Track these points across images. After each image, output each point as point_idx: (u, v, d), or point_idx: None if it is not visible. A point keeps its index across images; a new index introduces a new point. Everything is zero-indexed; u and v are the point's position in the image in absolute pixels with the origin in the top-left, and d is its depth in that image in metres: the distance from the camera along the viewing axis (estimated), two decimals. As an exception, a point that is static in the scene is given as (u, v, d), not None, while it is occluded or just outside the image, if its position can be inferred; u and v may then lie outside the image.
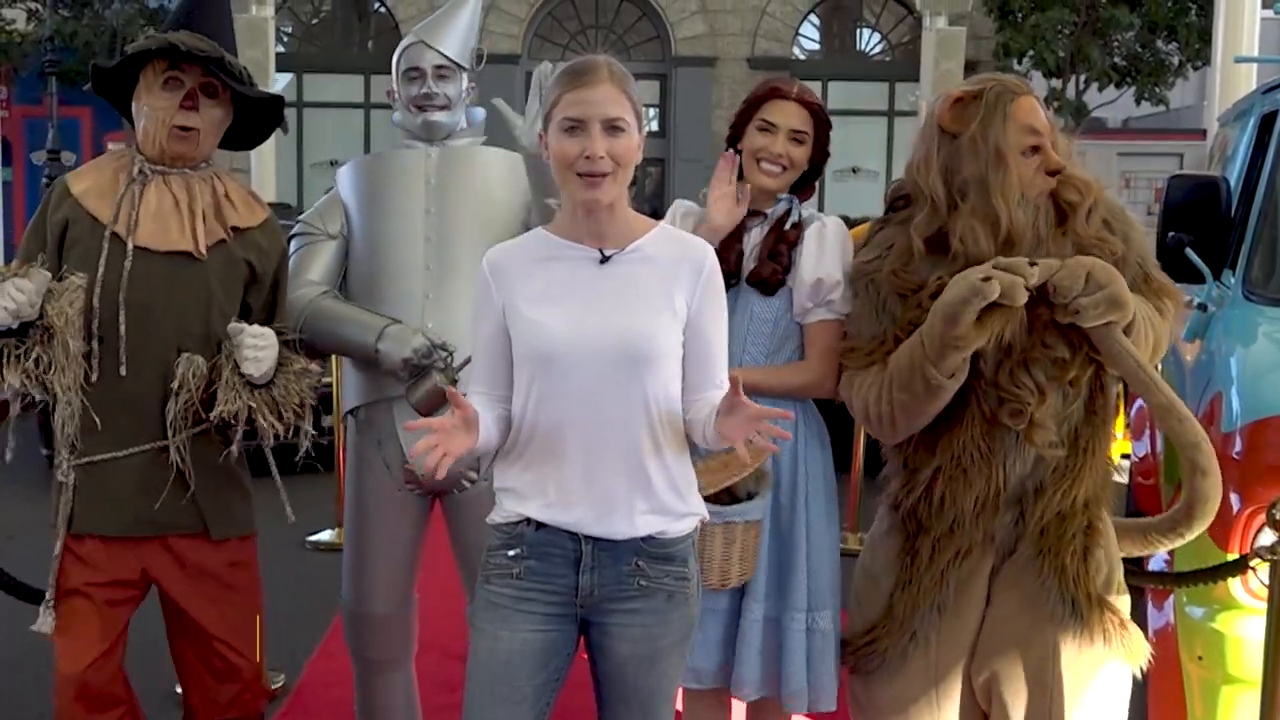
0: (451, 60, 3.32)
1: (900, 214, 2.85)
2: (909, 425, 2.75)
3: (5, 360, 2.75)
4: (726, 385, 2.45)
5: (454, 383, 3.04)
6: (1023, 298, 2.56)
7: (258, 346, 2.82)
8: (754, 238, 3.02)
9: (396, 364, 3.11)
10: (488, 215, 3.26)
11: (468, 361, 2.77)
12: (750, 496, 2.86)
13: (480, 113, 3.47)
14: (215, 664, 2.98)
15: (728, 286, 2.69)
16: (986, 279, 2.54)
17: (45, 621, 2.89)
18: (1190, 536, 2.79)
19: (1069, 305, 2.60)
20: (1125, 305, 2.61)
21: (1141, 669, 2.81)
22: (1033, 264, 2.59)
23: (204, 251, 2.88)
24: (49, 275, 2.75)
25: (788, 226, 3.00)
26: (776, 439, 2.30)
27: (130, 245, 2.83)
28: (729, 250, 2.96)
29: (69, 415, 2.82)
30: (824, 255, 2.95)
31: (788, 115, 3.00)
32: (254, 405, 2.84)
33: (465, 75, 3.36)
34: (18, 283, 2.69)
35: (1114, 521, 2.90)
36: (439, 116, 3.31)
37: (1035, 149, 2.71)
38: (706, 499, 2.63)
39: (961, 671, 2.85)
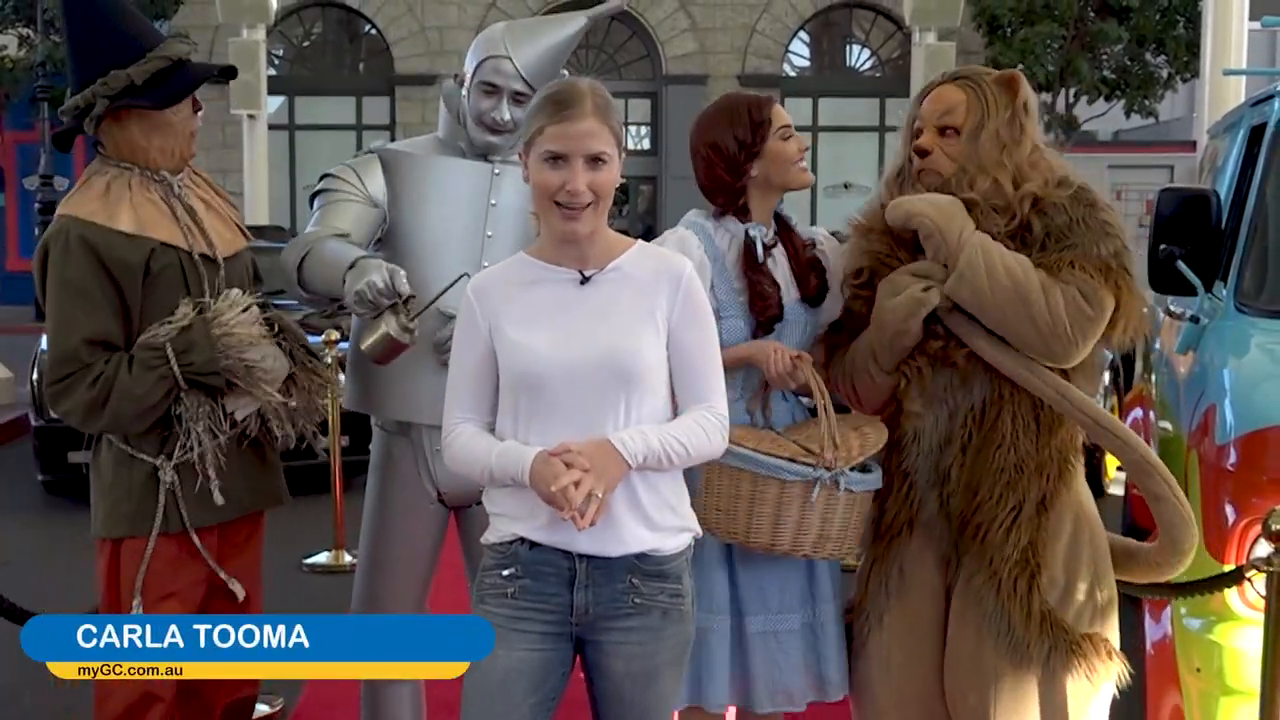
0: (533, 88, 3.10)
1: None
2: (869, 406, 2.95)
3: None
4: (715, 402, 2.47)
5: (409, 331, 2.88)
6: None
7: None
8: (777, 263, 3.02)
9: (350, 297, 2.90)
10: None
11: (426, 308, 2.88)
12: (865, 470, 2.88)
13: None
14: None
15: (775, 321, 2.87)
16: (927, 289, 2.74)
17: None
18: (1179, 570, 2.85)
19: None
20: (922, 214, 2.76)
21: (1118, 687, 2.81)
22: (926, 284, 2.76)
23: (251, 237, 3.12)
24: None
25: (799, 238, 3.06)
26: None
27: (221, 260, 3.00)
28: (771, 299, 2.94)
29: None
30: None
31: (784, 116, 3.03)
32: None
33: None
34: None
35: (1113, 541, 2.93)
36: (499, 139, 3.19)
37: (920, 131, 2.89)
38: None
39: (917, 668, 2.90)
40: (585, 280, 2.44)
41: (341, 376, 3.61)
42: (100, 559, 2.99)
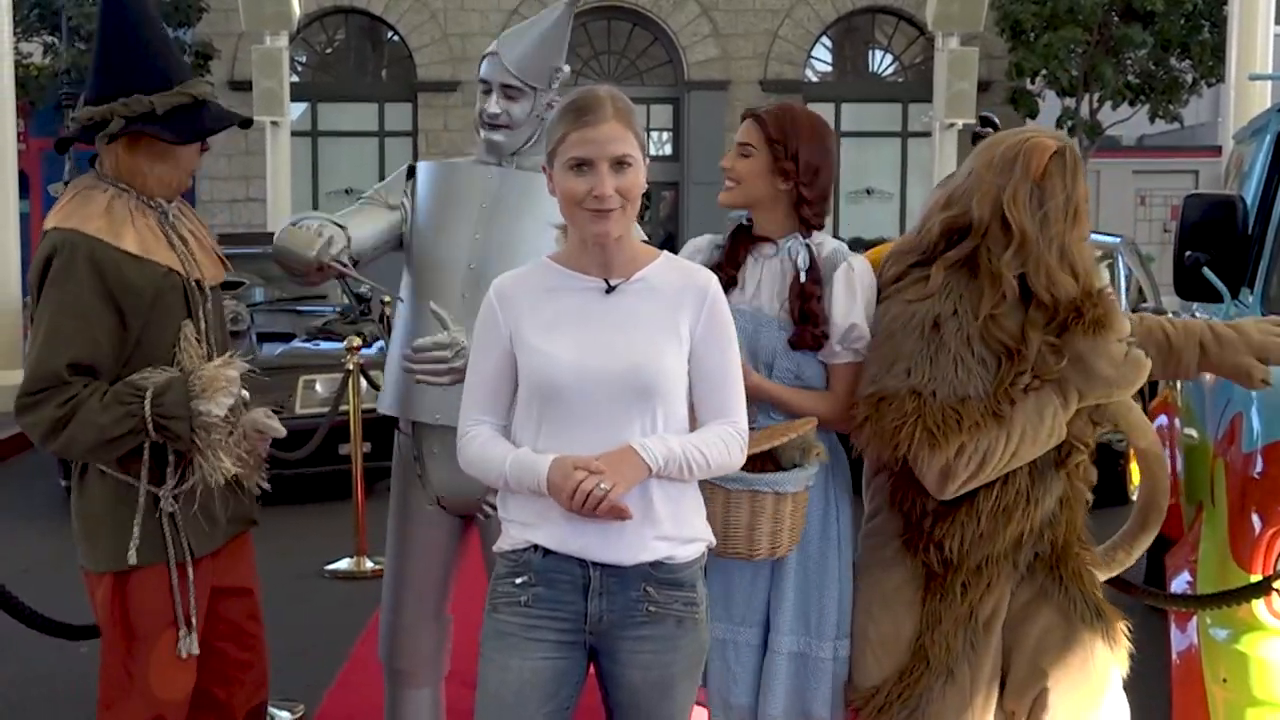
0: (521, 80, 3.25)
1: (959, 250, 2.79)
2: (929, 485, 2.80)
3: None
4: (736, 417, 2.46)
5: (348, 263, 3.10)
6: None
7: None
8: (774, 269, 2.93)
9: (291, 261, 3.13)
10: (539, 245, 3.16)
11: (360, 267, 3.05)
12: (794, 467, 2.79)
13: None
14: (247, 638, 3.10)
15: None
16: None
17: (189, 644, 2.92)
18: (1145, 544, 3.00)
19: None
20: None
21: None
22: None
23: (230, 267, 3.08)
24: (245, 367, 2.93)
25: (805, 280, 2.88)
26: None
27: (206, 288, 2.97)
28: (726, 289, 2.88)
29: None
30: (855, 301, 2.88)
31: (738, 133, 2.96)
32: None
33: (539, 93, 3.28)
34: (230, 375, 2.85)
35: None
36: (498, 136, 3.28)
37: None
38: (743, 467, 2.58)
39: (993, 696, 2.85)
40: (610, 290, 2.44)
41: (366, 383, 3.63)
42: (98, 591, 2.90)
